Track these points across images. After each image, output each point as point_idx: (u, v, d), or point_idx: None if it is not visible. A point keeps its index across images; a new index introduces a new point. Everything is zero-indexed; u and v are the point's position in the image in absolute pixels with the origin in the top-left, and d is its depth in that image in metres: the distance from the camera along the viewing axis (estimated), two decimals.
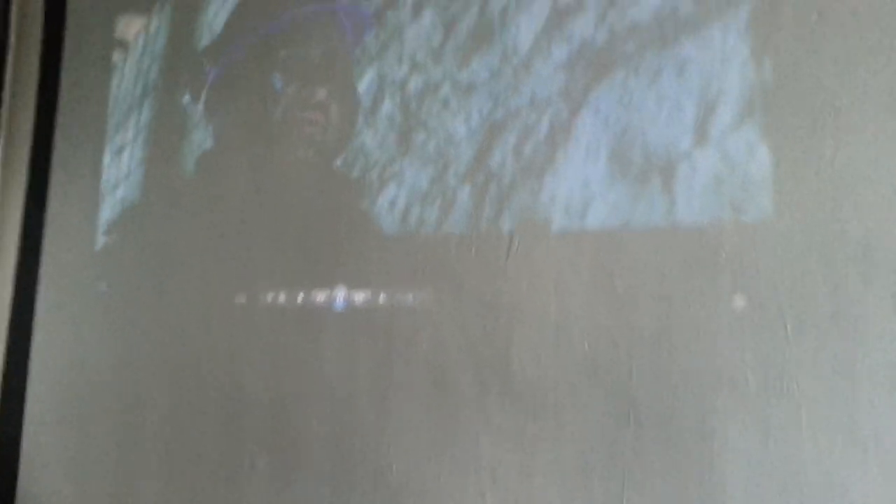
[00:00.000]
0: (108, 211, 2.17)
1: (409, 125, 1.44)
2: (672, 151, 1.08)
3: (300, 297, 1.65)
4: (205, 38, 1.94)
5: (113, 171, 2.17)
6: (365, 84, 1.54)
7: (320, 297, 1.61)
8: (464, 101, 1.36)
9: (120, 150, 2.15)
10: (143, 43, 2.17)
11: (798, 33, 1.00)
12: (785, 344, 0.96)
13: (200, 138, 1.92)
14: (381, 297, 1.49)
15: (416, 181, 1.40)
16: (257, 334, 1.71)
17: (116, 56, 2.24)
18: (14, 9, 2.30)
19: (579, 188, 1.17)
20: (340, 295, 1.57)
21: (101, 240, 2.20)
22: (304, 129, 1.65)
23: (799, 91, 0.99)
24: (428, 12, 1.45)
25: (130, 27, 2.23)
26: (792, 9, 1.01)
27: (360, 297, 1.53)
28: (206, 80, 1.92)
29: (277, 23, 1.73)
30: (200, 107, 1.92)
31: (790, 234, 0.97)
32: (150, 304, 2.00)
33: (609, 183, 1.13)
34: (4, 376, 2.32)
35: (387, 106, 1.49)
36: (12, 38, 2.30)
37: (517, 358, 1.21)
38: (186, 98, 1.97)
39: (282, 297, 1.69)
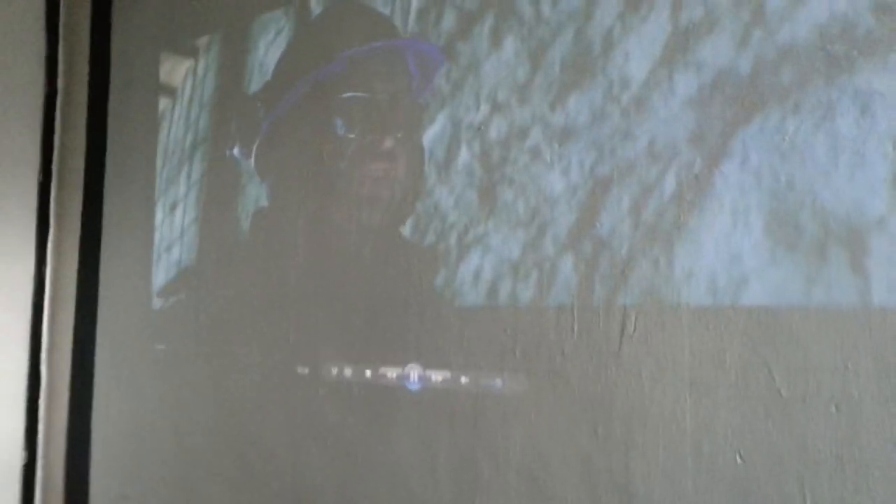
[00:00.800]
0: (163, 273, 2.03)
1: (491, 180, 1.20)
2: (859, 217, 0.81)
3: (368, 375, 1.44)
4: (255, 81, 1.77)
5: (166, 231, 2.03)
6: (436, 131, 1.32)
7: (392, 375, 1.39)
8: (560, 149, 1.11)
9: (173, 208, 2.01)
10: (191, 88, 2.04)
11: None
12: None
13: (255, 194, 1.75)
14: (463, 381, 1.26)
15: (505, 249, 1.16)
16: (321, 413, 1.51)
17: (164, 103, 2.11)
18: (61, 56, 2.23)
19: (727, 263, 0.90)
20: (415, 374, 1.35)
21: (157, 301, 2.06)
22: (367, 186, 1.44)
23: None
24: (510, 40, 1.22)
25: (177, 70, 2.10)
26: None
27: (437, 378, 1.31)
28: (259, 128, 1.75)
29: (334, 63, 1.54)
30: (254, 159, 1.76)
31: None
32: (207, 371, 1.83)
33: (770, 257, 0.86)
34: (69, 443, 2.22)
35: (464, 157, 1.26)
36: (60, 89, 2.22)
37: (641, 474, 0.95)
38: (239, 149, 1.81)
39: (348, 373, 1.49)
